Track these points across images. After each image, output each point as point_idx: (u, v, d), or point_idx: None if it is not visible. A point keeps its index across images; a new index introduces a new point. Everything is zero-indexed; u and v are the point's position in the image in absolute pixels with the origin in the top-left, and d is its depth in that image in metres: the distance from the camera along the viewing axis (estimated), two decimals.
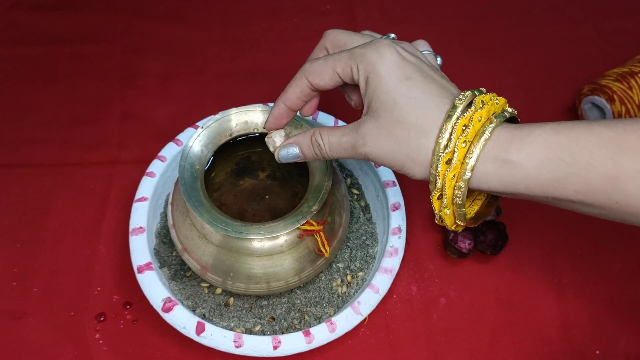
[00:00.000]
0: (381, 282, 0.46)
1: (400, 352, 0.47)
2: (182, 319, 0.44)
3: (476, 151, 0.33)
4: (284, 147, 0.41)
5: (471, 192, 0.40)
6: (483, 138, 0.33)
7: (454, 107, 0.34)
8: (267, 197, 0.52)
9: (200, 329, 0.43)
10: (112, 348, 0.47)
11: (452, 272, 0.51)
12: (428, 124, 0.34)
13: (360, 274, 0.50)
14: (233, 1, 0.73)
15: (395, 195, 0.51)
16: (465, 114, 0.34)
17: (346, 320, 0.45)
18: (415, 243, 0.53)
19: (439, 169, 0.34)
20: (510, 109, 0.36)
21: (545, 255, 0.52)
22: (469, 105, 0.34)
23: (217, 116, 0.46)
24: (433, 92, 0.35)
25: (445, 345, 0.47)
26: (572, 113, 0.63)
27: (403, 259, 0.49)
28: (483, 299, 0.50)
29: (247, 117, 0.46)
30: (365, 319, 0.46)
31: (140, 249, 0.47)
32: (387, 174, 0.52)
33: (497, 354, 0.47)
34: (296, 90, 0.40)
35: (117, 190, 0.56)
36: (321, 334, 0.44)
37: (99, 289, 0.50)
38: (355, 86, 0.41)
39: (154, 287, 0.45)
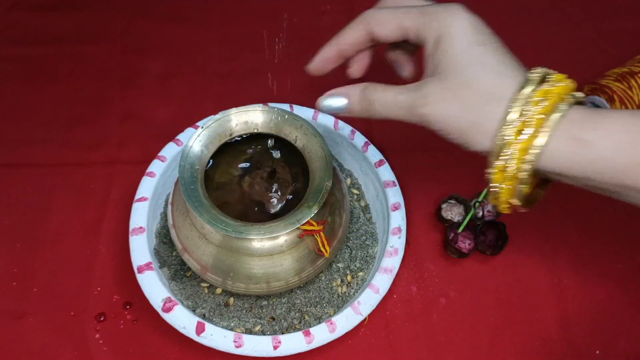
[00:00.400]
0: (381, 282, 0.46)
1: (400, 352, 0.47)
2: (182, 319, 0.44)
3: (550, 125, 0.31)
4: (330, 95, 0.38)
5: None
6: (558, 114, 0.32)
7: (527, 80, 0.33)
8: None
9: (200, 329, 0.43)
10: (112, 348, 0.47)
11: (452, 272, 0.51)
12: (500, 91, 0.33)
13: (360, 274, 0.50)
14: (233, 1, 0.73)
15: (395, 195, 0.51)
16: (540, 87, 0.32)
17: (346, 320, 0.45)
18: (415, 243, 0.53)
19: (506, 140, 0.32)
20: (580, 94, 0.34)
21: (545, 255, 0.52)
22: (542, 81, 0.33)
23: (217, 116, 0.46)
24: (506, 62, 0.34)
25: (445, 345, 0.48)
26: None
27: (403, 259, 0.49)
28: (483, 299, 0.50)
29: (247, 117, 0.46)
30: (365, 319, 0.46)
31: (140, 249, 0.47)
32: (387, 174, 0.52)
33: (497, 354, 0.47)
34: (352, 35, 0.38)
35: (117, 190, 0.56)
36: (321, 334, 0.44)
37: (99, 289, 0.50)
38: (408, 52, 0.39)
39: (154, 287, 0.45)
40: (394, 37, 0.37)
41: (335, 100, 0.38)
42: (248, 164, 0.52)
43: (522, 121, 0.32)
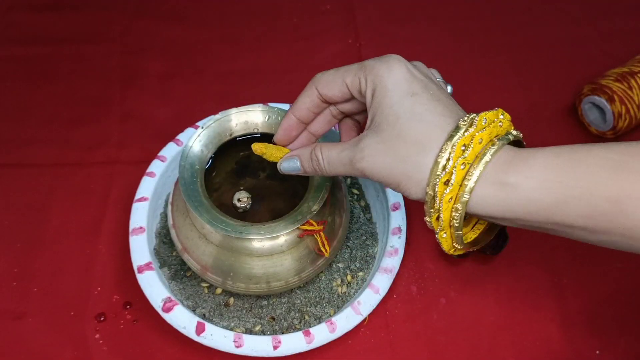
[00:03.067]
0: (381, 282, 0.46)
1: (400, 352, 0.47)
2: (182, 319, 0.44)
3: (476, 173, 0.32)
4: (287, 158, 0.41)
5: (471, 219, 0.40)
6: (484, 160, 0.33)
7: (457, 128, 0.33)
8: (267, 197, 0.52)
9: (200, 329, 0.43)
10: (112, 348, 0.47)
11: (452, 272, 0.51)
12: (428, 142, 0.34)
13: (360, 274, 0.50)
14: (233, 1, 0.73)
15: (395, 195, 0.51)
16: (466, 134, 0.33)
17: (346, 320, 0.45)
18: (415, 243, 0.53)
19: (436, 190, 0.33)
20: (515, 132, 0.35)
21: (545, 255, 0.52)
22: (471, 125, 0.34)
23: (217, 116, 0.46)
24: (437, 110, 0.34)
25: (445, 345, 0.47)
26: (572, 113, 0.63)
27: (403, 259, 0.49)
28: (483, 299, 0.50)
29: (247, 117, 0.46)
30: (365, 319, 0.46)
31: (140, 249, 0.47)
32: None
33: (497, 354, 0.47)
34: (306, 101, 0.40)
35: (117, 190, 0.56)
36: (321, 334, 0.44)
37: (99, 289, 0.50)
38: (356, 120, 0.40)
39: (154, 287, 0.45)
40: (340, 96, 0.38)
41: (291, 162, 0.40)
42: (248, 164, 0.52)
43: (449, 171, 0.33)
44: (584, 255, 0.52)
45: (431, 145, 0.34)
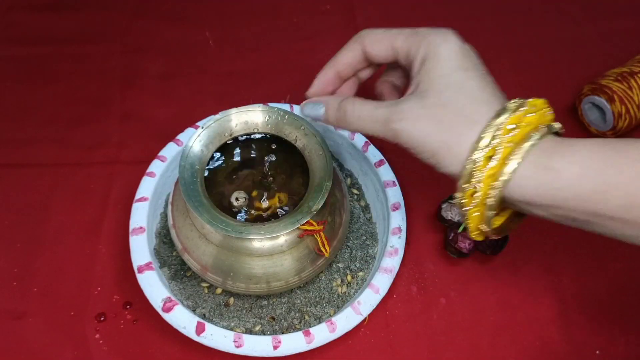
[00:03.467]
0: (381, 282, 0.46)
1: (400, 352, 0.47)
2: (182, 319, 0.44)
3: (519, 153, 0.32)
4: (312, 102, 0.39)
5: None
6: (529, 143, 0.32)
7: (504, 108, 0.33)
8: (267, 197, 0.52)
9: (200, 329, 0.43)
10: (112, 348, 0.47)
11: (452, 272, 0.51)
12: (475, 116, 0.33)
13: (360, 274, 0.50)
14: (233, 1, 0.73)
15: (395, 195, 0.51)
16: (513, 114, 0.33)
17: (346, 320, 0.45)
18: (415, 243, 0.53)
19: (477, 164, 0.32)
20: (558, 125, 0.35)
21: (545, 255, 0.52)
22: (519, 108, 0.33)
23: (217, 116, 0.46)
24: (487, 89, 0.34)
25: (445, 345, 0.48)
26: (572, 113, 0.63)
27: (403, 259, 0.49)
28: (483, 299, 0.50)
29: (247, 117, 0.46)
30: (365, 319, 0.46)
31: (140, 249, 0.47)
32: (387, 174, 0.52)
33: (497, 354, 0.47)
34: (348, 55, 0.38)
35: (117, 190, 0.56)
36: (321, 334, 0.44)
37: (99, 289, 0.50)
38: (395, 86, 0.39)
39: (154, 287, 0.45)
40: (385, 56, 0.38)
41: (315, 107, 0.39)
42: (248, 164, 0.52)
43: (493, 147, 0.32)
44: (584, 255, 0.52)
45: (478, 119, 0.33)
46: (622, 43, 0.69)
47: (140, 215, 0.49)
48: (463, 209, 0.35)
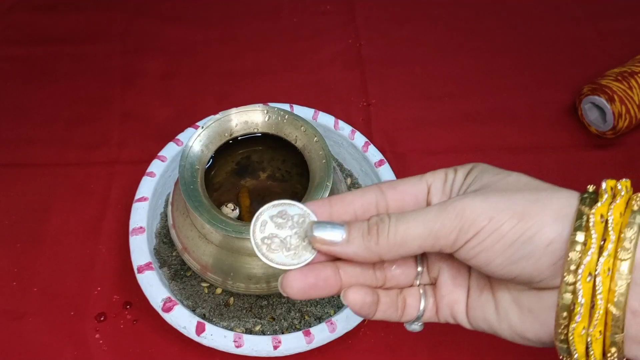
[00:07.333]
0: None
1: (399, 352, 0.47)
2: (182, 319, 0.44)
3: (630, 244, 0.23)
4: (325, 223, 0.27)
5: None
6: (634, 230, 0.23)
7: (585, 193, 0.25)
8: (267, 197, 0.52)
9: (200, 329, 0.43)
10: (112, 348, 0.47)
11: None
12: (557, 207, 0.24)
13: None
14: (233, 1, 0.73)
15: None
16: (603, 202, 0.24)
17: (346, 320, 0.45)
18: None
19: (579, 277, 0.23)
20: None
21: None
22: (596, 197, 0.24)
23: (217, 116, 0.46)
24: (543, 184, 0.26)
25: (445, 345, 0.47)
26: (572, 113, 0.63)
27: None
28: None
29: (247, 117, 0.46)
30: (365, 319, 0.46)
31: (140, 249, 0.47)
32: (387, 174, 0.52)
33: (497, 353, 0.47)
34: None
35: (117, 190, 0.56)
36: (321, 334, 0.44)
37: (99, 289, 0.50)
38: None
39: (154, 287, 0.45)
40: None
41: (328, 229, 0.26)
42: (248, 164, 0.52)
43: (589, 240, 0.23)
44: None
45: (563, 211, 0.24)
46: (622, 43, 0.69)
47: (140, 215, 0.49)
48: (572, 347, 0.26)
